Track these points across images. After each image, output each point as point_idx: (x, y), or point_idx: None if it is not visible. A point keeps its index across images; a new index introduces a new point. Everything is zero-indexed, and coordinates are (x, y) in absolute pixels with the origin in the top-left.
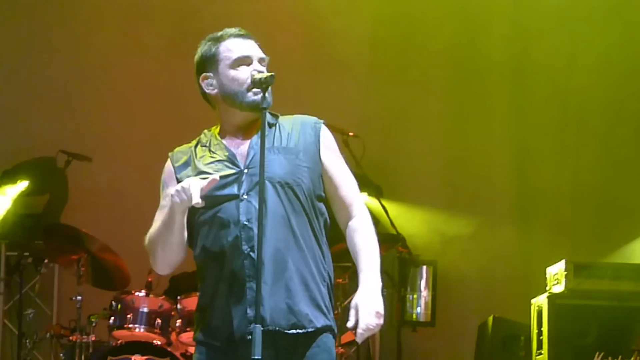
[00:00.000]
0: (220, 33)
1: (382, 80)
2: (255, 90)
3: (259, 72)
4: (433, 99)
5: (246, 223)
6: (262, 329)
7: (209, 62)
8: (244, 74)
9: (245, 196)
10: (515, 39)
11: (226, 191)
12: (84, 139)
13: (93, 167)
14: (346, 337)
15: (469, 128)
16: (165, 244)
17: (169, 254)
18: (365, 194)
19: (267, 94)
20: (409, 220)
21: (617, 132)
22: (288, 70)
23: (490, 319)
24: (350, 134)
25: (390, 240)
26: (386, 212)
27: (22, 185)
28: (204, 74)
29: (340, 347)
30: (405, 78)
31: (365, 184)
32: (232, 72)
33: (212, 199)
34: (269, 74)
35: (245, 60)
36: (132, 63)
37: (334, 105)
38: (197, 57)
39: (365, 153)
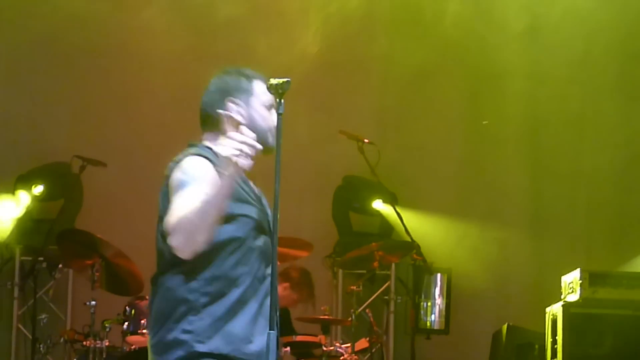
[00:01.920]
0: (250, 71)
1: (398, 88)
2: (273, 133)
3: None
4: (449, 107)
5: None
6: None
7: (240, 92)
8: (272, 117)
9: None
10: (533, 44)
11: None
12: (98, 145)
13: (108, 173)
14: (360, 345)
15: (485, 136)
16: (217, 217)
17: (214, 229)
18: (380, 201)
19: (282, 100)
20: (423, 227)
21: (632, 144)
22: (304, 78)
23: (505, 327)
24: (366, 140)
25: (405, 248)
26: (401, 219)
27: (37, 190)
28: (234, 99)
29: (354, 354)
30: (421, 86)
31: (380, 191)
32: (265, 112)
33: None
34: (285, 79)
35: (273, 107)
36: (147, 69)
37: (350, 112)
38: (225, 82)
39: (380, 160)
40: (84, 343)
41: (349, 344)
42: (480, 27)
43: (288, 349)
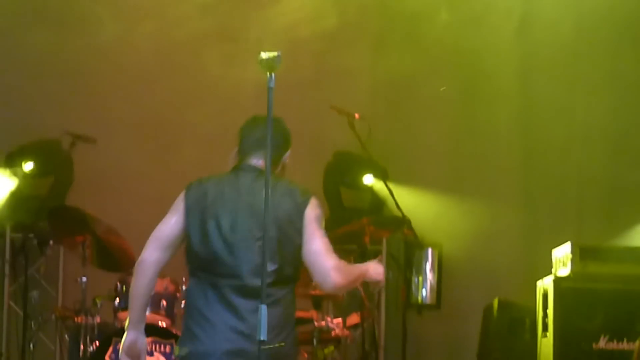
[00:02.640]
0: None
1: (388, 63)
2: None
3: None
4: (441, 82)
5: None
6: None
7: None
8: None
9: None
10: (525, 23)
11: None
12: (89, 121)
13: (98, 149)
14: (351, 320)
15: (476, 111)
16: None
17: None
18: (371, 176)
19: (273, 74)
20: (414, 202)
21: (623, 116)
22: (294, 52)
23: (496, 301)
24: (356, 115)
25: (396, 223)
26: (392, 194)
27: (27, 167)
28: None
29: (345, 329)
30: (413, 61)
31: (371, 166)
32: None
33: None
34: (275, 53)
35: None
36: (137, 45)
37: (340, 87)
38: (287, 133)
39: (371, 135)
40: (75, 319)
41: (340, 319)
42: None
43: None
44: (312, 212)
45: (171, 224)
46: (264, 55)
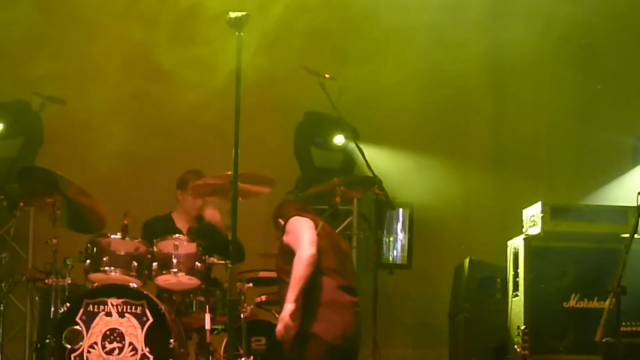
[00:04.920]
0: None
1: (357, 20)
2: None
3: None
4: (411, 43)
5: None
6: None
7: None
8: None
9: None
10: None
11: None
12: (58, 82)
13: (68, 110)
14: None
15: (446, 70)
16: None
17: None
18: (341, 136)
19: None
20: (385, 162)
21: (592, 75)
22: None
23: (467, 261)
24: (327, 75)
25: (366, 183)
26: (363, 154)
27: None
28: None
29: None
30: (383, 22)
31: (342, 126)
32: None
33: None
34: (243, 13)
35: None
36: (105, 4)
37: (309, 46)
38: None
39: (342, 96)
40: (46, 281)
41: None
42: None
43: (251, 284)
44: None
45: None
46: (232, 14)
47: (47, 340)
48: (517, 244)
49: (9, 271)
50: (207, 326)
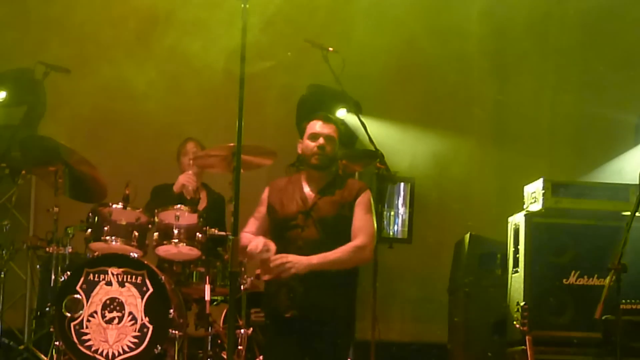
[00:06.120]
0: None
1: None
2: None
3: None
4: (413, 16)
5: None
6: None
7: None
8: None
9: None
10: None
11: None
12: (62, 50)
13: (71, 79)
14: None
15: (449, 46)
16: None
17: None
18: (344, 110)
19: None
20: (387, 136)
21: (595, 53)
22: None
23: (467, 236)
24: (330, 49)
25: (368, 157)
26: (365, 128)
27: (0, 96)
28: None
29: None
30: None
31: (345, 100)
32: None
33: None
34: None
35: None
36: None
37: (313, 20)
38: None
39: (345, 68)
40: (47, 249)
41: None
42: None
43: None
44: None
45: None
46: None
47: (47, 309)
48: (517, 220)
49: (10, 239)
50: (207, 297)
